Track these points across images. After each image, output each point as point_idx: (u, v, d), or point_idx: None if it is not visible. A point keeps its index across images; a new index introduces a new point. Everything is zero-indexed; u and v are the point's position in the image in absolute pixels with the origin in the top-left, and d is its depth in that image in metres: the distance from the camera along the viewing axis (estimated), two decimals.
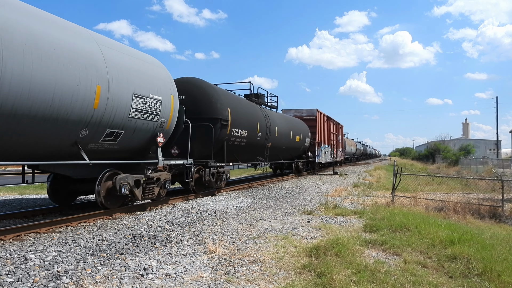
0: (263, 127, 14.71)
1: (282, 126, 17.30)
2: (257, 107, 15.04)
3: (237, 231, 6.70)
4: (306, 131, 21.78)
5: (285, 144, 18.04)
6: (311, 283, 4.15)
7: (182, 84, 11.16)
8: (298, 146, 20.26)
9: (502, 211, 9.28)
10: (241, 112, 12.83)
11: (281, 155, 18.24)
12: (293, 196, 12.38)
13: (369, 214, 8.41)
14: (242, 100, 14.15)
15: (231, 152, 12.79)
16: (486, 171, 27.08)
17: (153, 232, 6.49)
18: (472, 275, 4.51)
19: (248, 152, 14.11)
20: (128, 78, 7.38)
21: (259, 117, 14.47)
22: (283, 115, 19.42)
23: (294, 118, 21.57)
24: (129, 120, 7.46)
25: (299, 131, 20.32)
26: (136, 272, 4.39)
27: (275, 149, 16.81)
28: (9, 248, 5.14)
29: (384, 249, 5.65)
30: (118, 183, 7.53)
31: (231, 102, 12.27)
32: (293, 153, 20.46)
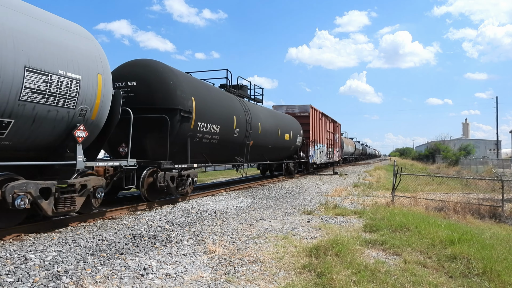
0: (242, 123, 12.71)
1: (267, 123, 15.37)
2: (235, 99, 13.01)
3: (237, 231, 6.70)
4: (297, 129, 19.81)
5: (272, 142, 16.14)
6: (311, 283, 4.15)
7: (134, 68, 9.41)
8: (288, 145, 18.42)
9: (502, 211, 9.28)
10: (211, 103, 10.79)
11: (267, 155, 16.36)
12: (293, 196, 12.38)
13: (369, 214, 8.41)
14: (214, 89, 12.04)
15: (199, 151, 10.77)
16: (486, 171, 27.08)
17: (153, 232, 6.49)
18: (472, 275, 4.51)
19: (222, 151, 12.23)
20: (16, 44, 5.27)
21: (237, 111, 12.47)
22: (269, 110, 17.26)
23: (283, 114, 19.49)
24: (22, 105, 5.38)
25: (289, 128, 18.37)
26: (136, 272, 4.39)
27: (259, 148, 14.88)
28: (9, 248, 5.14)
29: (384, 249, 5.65)
30: (8, 193, 5.36)
31: (197, 90, 10.26)
32: (283, 153, 18.58)
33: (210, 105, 10.73)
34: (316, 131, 23.79)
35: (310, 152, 22.25)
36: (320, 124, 25.00)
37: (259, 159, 16.04)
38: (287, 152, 19.15)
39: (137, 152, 8.91)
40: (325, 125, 26.65)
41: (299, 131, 20.08)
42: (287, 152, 19.17)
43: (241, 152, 13.35)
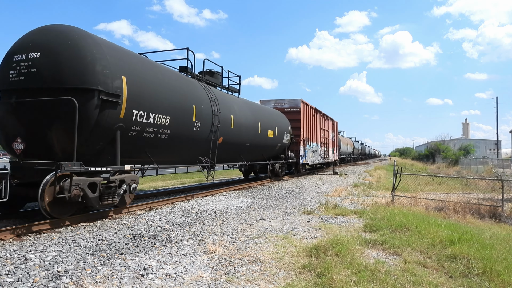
0: (207, 114, 10.34)
1: (243, 116, 13.08)
2: (198, 85, 10.59)
3: (237, 231, 6.70)
4: (284, 125, 17.65)
5: (250, 140, 13.72)
6: (311, 283, 4.15)
7: (40, 35, 7.03)
8: (272, 143, 16.15)
9: (502, 211, 9.28)
10: (156, 87, 8.31)
11: (244, 154, 13.98)
12: (293, 196, 12.38)
13: (369, 214, 8.41)
14: (164, 70, 9.19)
15: (140, 149, 8.34)
16: (486, 171, 27.08)
17: (153, 232, 6.49)
18: (472, 275, 4.51)
19: (177, 150, 9.71)
20: None
21: (198, 99, 10.05)
22: (247, 102, 14.51)
23: (265, 107, 16.87)
24: None
25: (274, 124, 16.16)
26: (136, 272, 4.39)
27: (233, 146, 12.57)
28: (9, 248, 5.14)
29: (384, 249, 5.65)
30: None
31: (132, 67, 7.78)
32: (266, 152, 16.20)
33: (154, 89, 8.21)
34: (309, 128, 21.66)
35: (301, 152, 20.12)
36: (313, 121, 22.87)
37: (234, 159, 13.53)
38: (271, 151, 16.85)
39: (40, 149, 6.80)
40: (319, 122, 24.57)
41: (286, 127, 17.87)
42: (272, 151, 16.85)
43: (206, 150, 10.85)
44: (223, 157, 12.38)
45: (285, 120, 18.20)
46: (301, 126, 19.99)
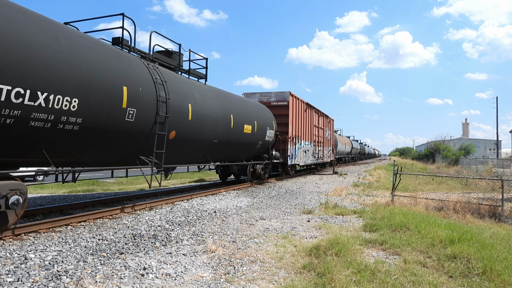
0: (148, 100, 7.93)
1: (208, 106, 10.57)
2: (135, 61, 8.09)
3: (237, 231, 6.70)
4: (267, 120, 15.26)
5: (219, 135, 11.27)
6: (311, 283, 4.15)
7: None
8: (250, 140, 13.73)
9: (502, 210, 9.29)
10: (53, 53, 5.88)
11: (212, 153, 11.49)
12: (293, 195, 12.38)
13: (369, 214, 8.41)
14: (71, 33, 6.67)
15: (27, 144, 5.93)
16: (486, 170, 27.09)
17: (153, 231, 6.49)
18: (472, 275, 4.51)
19: (96, 146, 7.19)
20: None
21: (133, 79, 7.60)
22: (215, 90, 11.97)
23: (240, 97, 14.29)
24: None
25: (252, 117, 13.68)
26: (136, 271, 4.39)
27: (191, 142, 10.06)
28: (9, 248, 5.14)
29: (384, 249, 5.65)
30: None
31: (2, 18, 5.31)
32: (244, 151, 13.80)
33: (49, 56, 5.80)
34: (299, 125, 19.43)
35: (290, 151, 17.98)
36: (305, 117, 20.62)
37: (197, 159, 11.14)
38: (250, 150, 14.38)
39: None
40: (311, 119, 22.33)
41: (270, 123, 15.56)
42: (251, 150, 14.36)
43: (149, 148, 8.35)
44: (178, 156, 9.93)
45: (269, 114, 15.77)
46: (289, 122, 17.78)
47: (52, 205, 8.74)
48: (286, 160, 17.73)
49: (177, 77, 9.85)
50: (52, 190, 13.86)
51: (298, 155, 19.37)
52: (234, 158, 13.70)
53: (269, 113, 16.06)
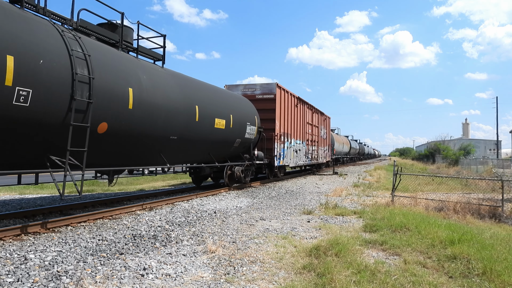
0: (61, 79, 6.05)
1: (161, 93, 8.52)
2: (37, 23, 6.07)
3: (237, 231, 6.70)
4: (248, 114, 13.34)
5: (178, 131, 9.22)
6: (311, 283, 4.15)
7: None
8: (224, 137, 11.80)
9: (502, 211, 9.28)
10: None
11: (169, 153, 9.39)
12: (293, 196, 12.38)
13: (369, 214, 8.41)
14: None
15: None
16: (486, 171, 27.08)
17: (153, 232, 6.49)
18: (472, 275, 4.51)
19: None
20: None
21: (31, 47, 5.68)
22: (175, 75, 9.75)
23: (210, 86, 11.91)
24: None
25: (226, 110, 11.77)
26: (136, 272, 4.39)
27: (134, 139, 7.92)
28: (9, 248, 5.14)
29: (384, 249, 5.65)
30: None
31: None
32: (217, 151, 11.85)
33: None
34: (288, 121, 17.60)
35: (277, 151, 15.96)
36: (296, 112, 18.79)
37: (146, 160, 8.91)
38: (226, 150, 12.41)
39: None
40: (304, 115, 20.45)
41: (251, 118, 13.56)
42: (226, 149, 12.39)
43: (62, 144, 6.23)
44: (114, 156, 7.85)
45: (250, 108, 13.77)
46: (276, 117, 15.81)
47: (52, 206, 8.75)
48: (272, 160, 15.67)
49: (115, 54, 7.69)
50: (52, 191, 13.86)
51: (287, 155, 17.45)
52: (204, 158, 11.55)
53: (250, 106, 13.93)
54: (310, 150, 21.93)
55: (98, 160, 7.41)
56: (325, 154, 26.78)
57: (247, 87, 16.40)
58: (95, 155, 7.12)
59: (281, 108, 16.40)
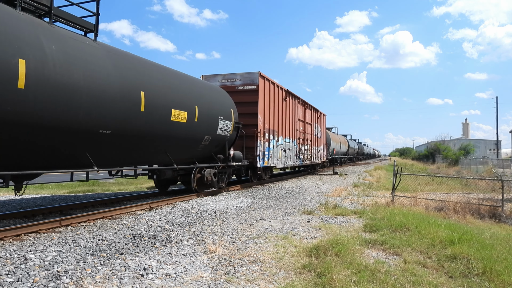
0: None
1: (82, 71, 6.59)
2: None
3: (237, 231, 6.70)
4: (221, 107, 11.37)
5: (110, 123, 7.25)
6: (311, 283, 4.15)
7: None
8: (187, 134, 9.72)
9: (502, 211, 9.29)
10: None
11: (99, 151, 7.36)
12: (293, 196, 12.38)
13: (369, 214, 8.41)
14: None
15: None
16: (486, 171, 27.08)
17: (153, 232, 6.49)
18: (472, 275, 4.51)
19: None
20: None
21: None
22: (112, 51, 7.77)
23: (169, 69, 9.74)
24: None
25: (190, 100, 9.74)
26: (136, 272, 4.39)
27: (28, 131, 5.79)
28: (9, 248, 5.14)
29: (384, 249, 5.65)
30: None
31: None
32: (178, 150, 9.85)
33: None
34: (275, 116, 15.73)
35: (260, 150, 13.98)
36: (284, 107, 17.02)
37: (63, 162, 6.91)
38: (190, 149, 10.34)
39: None
40: (295, 111, 18.70)
41: (226, 111, 11.64)
42: (191, 148, 10.36)
43: None
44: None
45: (223, 99, 11.85)
46: (259, 111, 13.94)
47: (52, 206, 8.75)
48: (254, 161, 13.71)
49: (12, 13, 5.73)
50: (52, 191, 13.86)
51: (274, 154, 15.61)
52: (161, 159, 9.45)
53: (225, 97, 11.95)
54: (302, 150, 20.20)
55: None
56: (320, 154, 25.13)
57: (226, 77, 14.47)
58: None
59: (265, 101, 14.54)
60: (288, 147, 17.82)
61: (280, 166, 17.14)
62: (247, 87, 14.10)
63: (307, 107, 21.39)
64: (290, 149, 18.17)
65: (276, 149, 16.04)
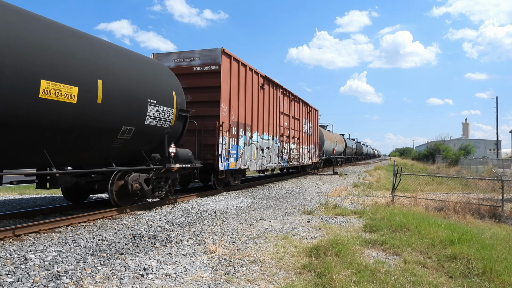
0: None
1: None
2: None
3: (237, 231, 6.70)
4: (154, 86, 8.36)
5: None
6: (311, 283, 4.15)
7: None
8: (86, 121, 6.65)
9: (502, 211, 9.29)
10: None
11: None
12: (293, 196, 12.38)
13: (369, 214, 8.41)
14: None
15: None
16: (486, 171, 27.08)
17: (153, 232, 6.49)
18: (472, 275, 4.51)
19: None
20: None
21: None
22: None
23: (44, 20, 6.27)
24: None
25: (91, 71, 6.65)
26: (136, 272, 4.39)
27: None
28: (9, 248, 5.14)
29: (384, 249, 5.65)
30: None
31: None
32: (69, 145, 6.69)
33: None
34: (247, 107, 12.89)
35: (223, 148, 11.11)
36: (261, 96, 14.14)
37: None
38: (99, 146, 7.40)
39: None
40: (277, 102, 16.00)
41: (165, 94, 8.68)
42: (101, 144, 7.39)
43: None
44: None
45: (161, 77, 8.83)
46: (222, 99, 11.18)
47: (52, 206, 8.75)
48: (215, 162, 10.84)
49: None
50: (53, 191, 13.86)
51: (245, 154, 12.81)
52: (32, 160, 6.44)
53: (162, 74, 8.96)
54: (286, 149, 17.59)
55: None
56: (310, 154, 22.43)
57: (182, 56, 11.65)
58: None
59: (232, 86, 11.68)
60: (267, 145, 15.01)
61: (255, 168, 14.06)
62: (207, 67, 11.20)
63: (294, 100, 18.78)
64: (270, 147, 15.39)
65: (249, 147, 13.22)
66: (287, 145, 17.93)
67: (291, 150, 18.39)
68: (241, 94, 12.58)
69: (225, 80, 11.46)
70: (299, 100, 19.84)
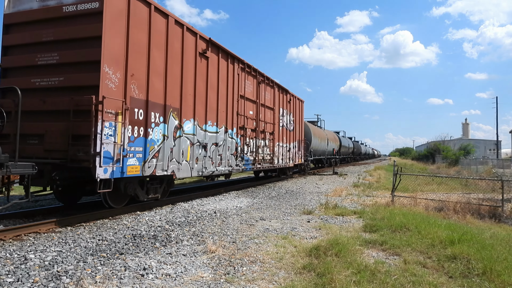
0: None
1: None
2: None
3: (237, 231, 6.70)
4: None
5: None
6: (311, 283, 4.15)
7: None
8: None
9: (502, 211, 9.29)
10: None
11: None
12: (293, 196, 12.38)
13: (369, 214, 8.41)
14: None
15: None
16: (486, 171, 27.07)
17: (153, 232, 6.49)
18: (472, 275, 4.52)
19: None
20: None
21: None
22: None
23: None
24: None
25: None
26: (136, 272, 4.39)
27: None
28: (9, 248, 5.14)
29: (384, 249, 5.65)
30: None
31: None
32: None
33: None
34: (173, 79, 8.77)
35: (103, 142, 6.70)
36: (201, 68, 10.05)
37: None
38: None
39: None
40: (235, 81, 11.93)
41: None
42: None
43: None
44: None
45: None
46: (105, 57, 6.83)
47: (52, 206, 8.74)
48: (92, 164, 6.57)
49: None
50: None
51: (165, 152, 8.52)
52: None
53: None
54: (251, 146, 13.30)
55: None
56: (291, 154, 18.31)
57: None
58: None
59: (130, 40, 7.42)
60: (214, 141, 10.79)
61: (190, 174, 9.68)
62: (83, 5, 7.05)
63: (265, 82, 14.41)
64: (221, 144, 11.14)
65: (176, 142, 8.99)
66: (253, 141, 13.45)
67: (259, 149, 13.90)
68: (156, 59, 8.21)
69: (115, 27, 7.08)
70: (274, 84, 15.31)
